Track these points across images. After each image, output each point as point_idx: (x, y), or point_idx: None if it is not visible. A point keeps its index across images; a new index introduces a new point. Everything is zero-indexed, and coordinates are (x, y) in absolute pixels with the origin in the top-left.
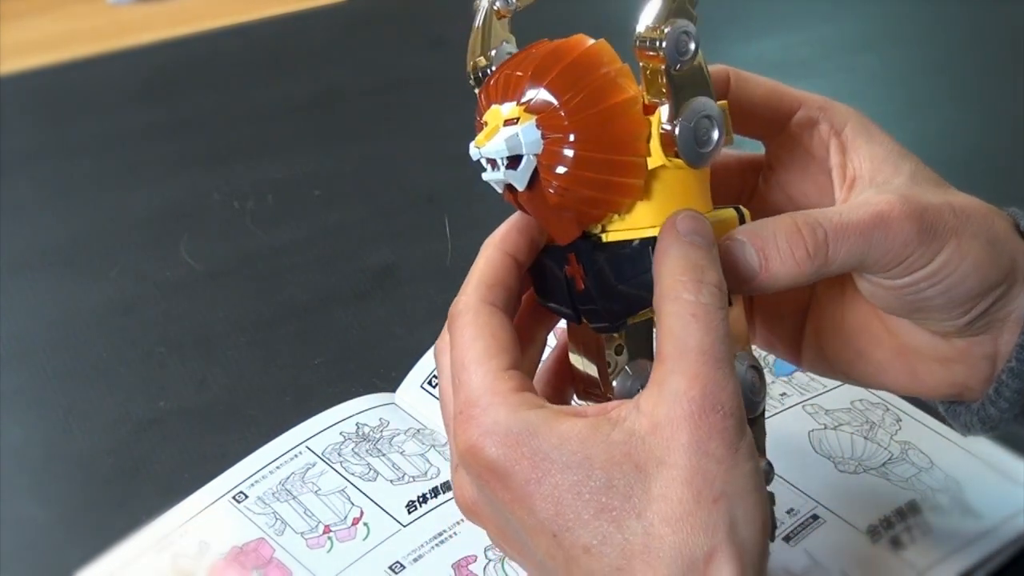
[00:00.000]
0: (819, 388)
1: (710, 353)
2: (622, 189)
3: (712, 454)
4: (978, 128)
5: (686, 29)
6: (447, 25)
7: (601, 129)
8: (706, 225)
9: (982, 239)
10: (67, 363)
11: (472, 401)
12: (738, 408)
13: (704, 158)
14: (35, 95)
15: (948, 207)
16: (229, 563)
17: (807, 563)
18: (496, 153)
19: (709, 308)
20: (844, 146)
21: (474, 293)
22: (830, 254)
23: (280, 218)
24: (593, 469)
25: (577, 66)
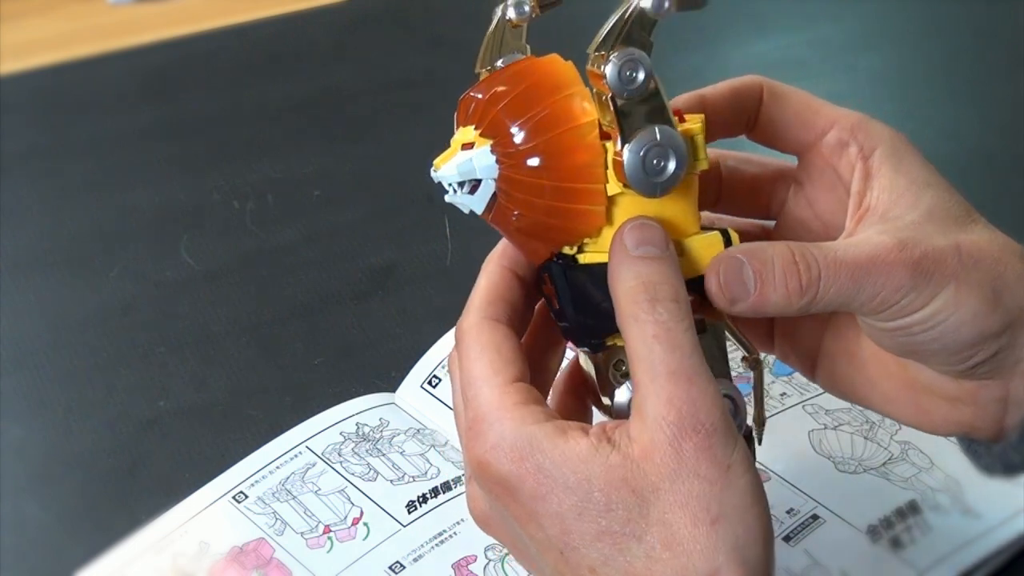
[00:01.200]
0: (819, 388)
1: (679, 373)
2: (580, 216)
3: (704, 476)
4: (978, 128)
5: (630, 58)
6: (447, 25)
7: (554, 156)
8: (655, 232)
9: (986, 287)
10: (67, 363)
11: (480, 417)
12: (721, 419)
13: (658, 188)
14: (35, 95)
15: (954, 251)
16: (229, 563)
17: (807, 563)
18: (449, 178)
19: (669, 325)
20: (868, 173)
21: (476, 311)
22: (819, 292)
23: (280, 218)
24: (592, 491)
25: (533, 91)
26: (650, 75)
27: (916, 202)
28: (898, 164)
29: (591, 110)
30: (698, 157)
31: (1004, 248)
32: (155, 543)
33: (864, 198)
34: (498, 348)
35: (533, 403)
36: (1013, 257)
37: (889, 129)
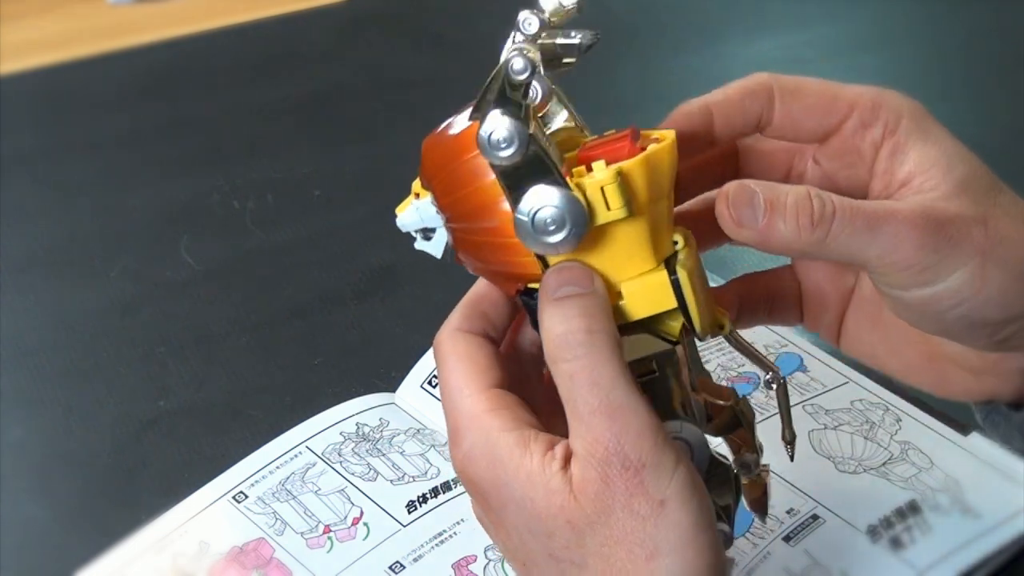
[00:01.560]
0: (819, 388)
1: (600, 410)
2: (517, 266)
3: (636, 512)
4: (977, 127)
5: (495, 127)
6: (447, 25)
7: (467, 215)
8: (574, 271)
9: (1012, 266)
10: (67, 363)
11: (456, 426)
12: (650, 453)
13: (551, 248)
14: (35, 95)
15: (982, 224)
16: (229, 563)
17: (807, 563)
18: (403, 227)
19: (585, 363)
20: (896, 148)
21: (450, 324)
22: (831, 231)
23: (280, 218)
24: (536, 516)
25: (453, 149)
26: (524, 142)
27: (948, 171)
28: (926, 135)
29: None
30: (612, 207)
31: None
32: (155, 543)
33: (894, 174)
34: (471, 357)
35: (504, 409)
36: None
37: (908, 100)
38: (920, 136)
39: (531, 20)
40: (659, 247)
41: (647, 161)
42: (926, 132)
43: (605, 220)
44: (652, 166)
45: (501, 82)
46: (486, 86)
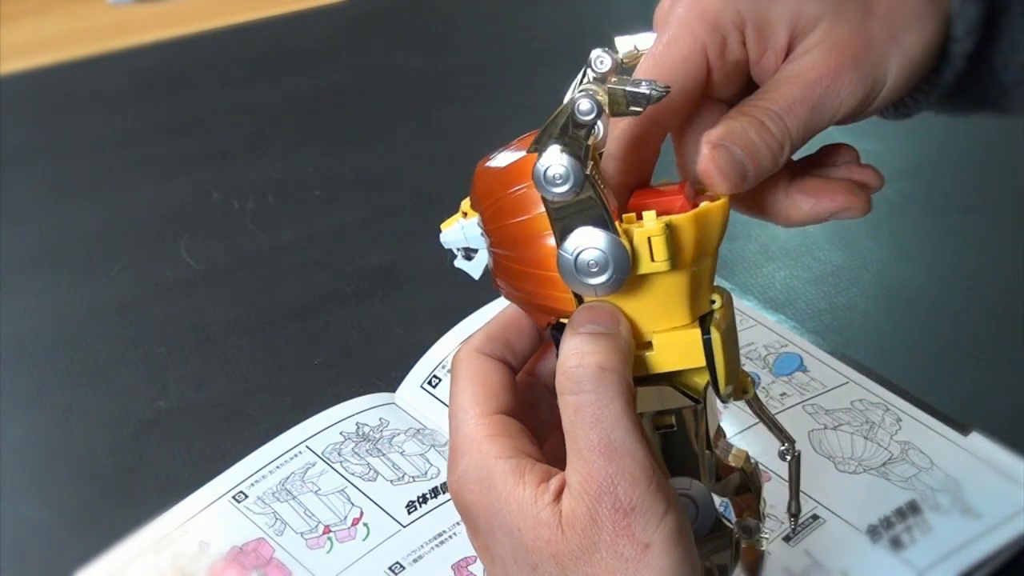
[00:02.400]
0: (819, 388)
1: (600, 448)
2: (552, 299)
3: (621, 554)
4: (977, 127)
5: (555, 163)
6: (447, 25)
7: (511, 244)
8: (603, 312)
9: (914, 29)
10: (67, 363)
11: (455, 447)
12: (641, 498)
13: (590, 289)
14: (35, 95)
15: (874, 19)
16: (229, 563)
17: (807, 563)
18: (446, 243)
19: (592, 399)
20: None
21: (471, 344)
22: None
23: (280, 218)
24: (523, 546)
25: (505, 177)
26: (580, 181)
27: (817, 17)
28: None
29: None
30: (656, 258)
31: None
32: (155, 543)
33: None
34: (484, 380)
35: (504, 436)
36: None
37: None
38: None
39: (604, 59)
40: (696, 304)
41: (698, 218)
42: None
43: (647, 271)
44: (702, 224)
45: (566, 119)
46: (550, 121)
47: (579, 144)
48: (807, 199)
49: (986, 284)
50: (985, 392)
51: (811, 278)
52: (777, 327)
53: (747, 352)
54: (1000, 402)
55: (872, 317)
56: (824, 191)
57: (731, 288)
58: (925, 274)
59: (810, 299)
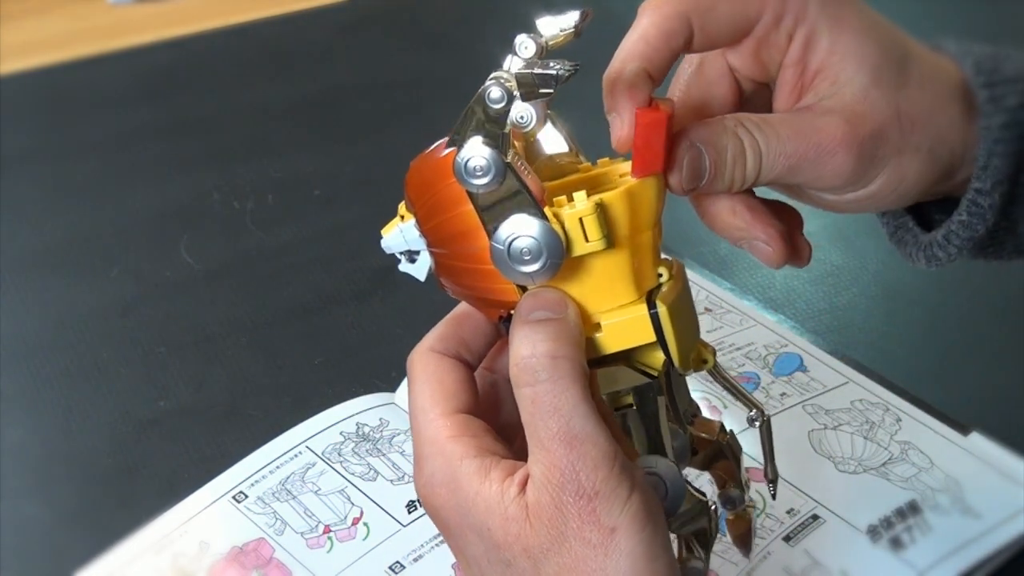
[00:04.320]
0: (819, 388)
1: (559, 436)
2: (497, 292)
3: (588, 540)
4: None
5: (471, 155)
6: (447, 25)
7: (447, 241)
8: (549, 297)
9: (924, 150)
10: (67, 363)
11: (418, 451)
12: (604, 482)
13: (527, 278)
14: (35, 95)
15: (895, 120)
16: (229, 563)
17: (807, 563)
18: (387, 249)
19: (547, 387)
20: (808, 37)
21: (425, 344)
22: (763, 172)
23: (280, 218)
24: (495, 544)
25: (434, 173)
26: (501, 171)
27: (861, 58)
28: (835, 17)
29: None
30: (591, 238)
31: (937, 91)
32: (155, 543)
33: (807, 64)
34: (440, 379)
35: (467, 436)
36: (946, 101)
37: None
38: (829, 19)
39: (527, 43)
40: (641, 279)
41: (628, 193)
42: (835, 12)
43: (583, 251)
44: (635, 198)
45: (478, 112)
46: (464, 114)
47: (496, 134)
48: (746, 216)
49: (986, 284)
50: (985, 392)
51: (811, 278)
52: (777, 327)
53: (747, 352)
54: (1000, 402)
55: (872, 317)
56: (766, 223)
57: (731, 288)
58: (925, 274)
59: (810, 299)
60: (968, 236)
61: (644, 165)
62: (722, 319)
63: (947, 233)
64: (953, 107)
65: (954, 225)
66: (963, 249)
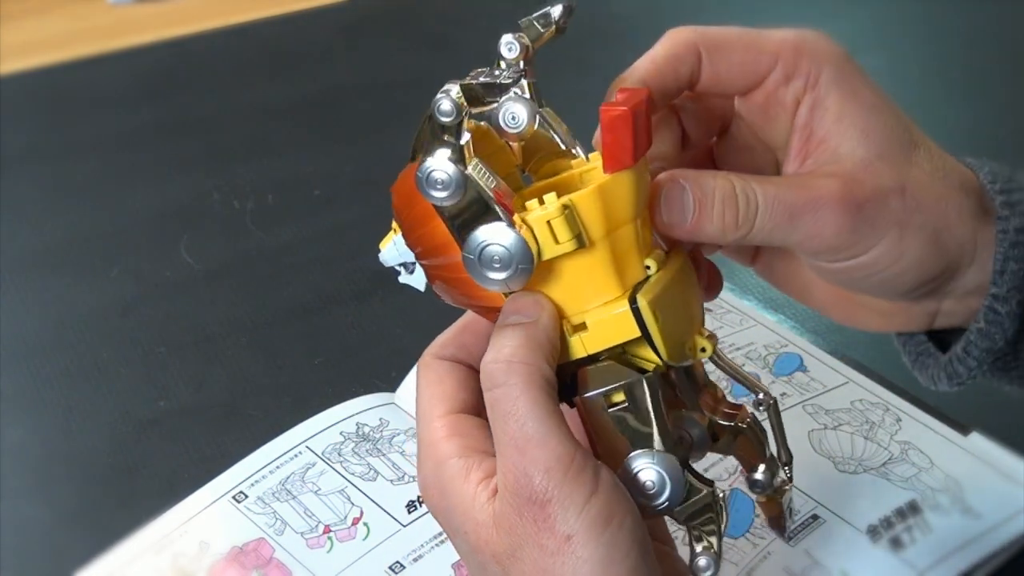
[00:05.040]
0: (819, 388)
1: (512, 442)
2: (481, 299)
3: (546, 548)
4: (977, 128)
5: (431, 169)
6: (447, 25)
7: (431, 252)
8: (524, 301)
9: (928, 231)
10: (67, 363)
11: (419, 452)
12: (557, 488)
13: (500, 285)
14: (35, 95)
15: (899, 193)
16: (229, 563)
17: (807, 563)
18: (386, 262)
19: (507, 392)
20: (816, 103)
21: (428, 351)
22: (755, 228)
23: (280, 218)
24: (471, 547)
25: (400, 192)
26: (460, 184)
27: (867, 132)
28: (846, 88)
29: None
30: (561, 240)
31: (947, 181)
32: (155, 543)
33: (813, 130)
34: (440, 382)
35: (457, 436)
36: (956, 192)
37: (831, 46)
38: (840, 90)
39: (512, 44)
40: (625, 274)
41: (599, 191)
42: (847, 85)
43: (555, 254)
44: (607, 194)
45: (430, 126)
46: (419, 129)
47: (452, 145)
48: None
49: None
50: (985, 392)
51: None
52: (777, 327)
53: (747, 352)
54: (1000, 402)
55: None
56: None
57: (731, 288)
58: None
59: None
60: (987, 347)
61: (614, 160)
62: (722, 319)
63: (966, 345)
64: (963, 199)
65: (972, 335)
66: (983, 363)
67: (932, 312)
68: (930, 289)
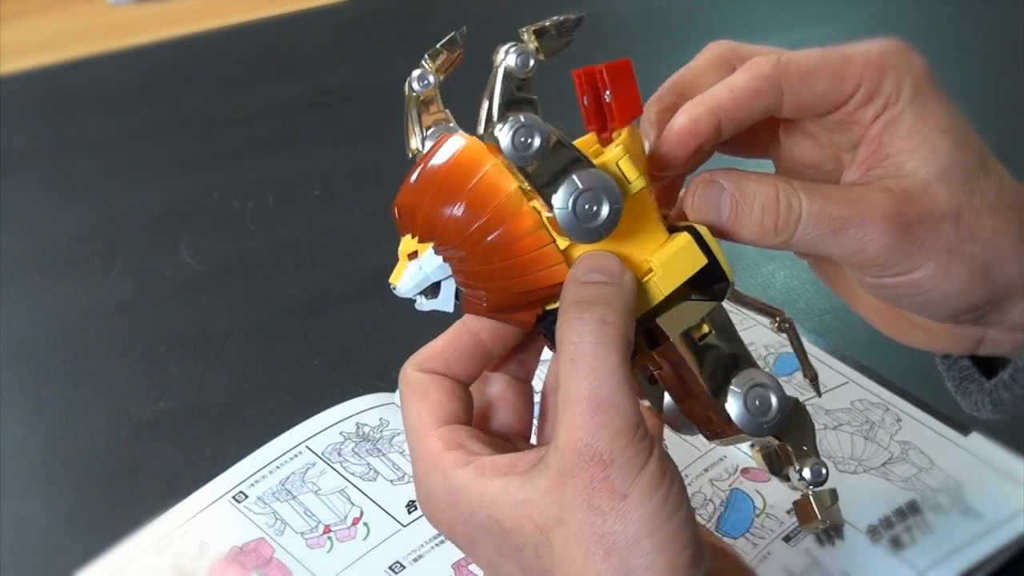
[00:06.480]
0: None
1: (587, 400)
2: (542, 279)
3: (598, 507)
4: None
5: (520, 126)
6: (447, 25)
7: (493, 238)
8: (607, 260)
9: (978, 262)
10: (67, 363)
11: (416, 468)
12: (624, 450)
13: (596, 232)
14: (35, 95)
15: (954, 219)
16: (229, 563)
17: (807, 563)
18: (408, 293)
19: (588, 348)
20: (891, 120)
21: (410, 361)
22: (795, 237)
23: (280, 218)
24: (505, 532)
25: (450, 181)
26: (546, 135)
27: (933, 154)
28: (922, 108)
29: (511, 177)
30: (630, 180)
31: (1008, 214)
32: (155, 543)
33: (882, 144)
34: (425, 395)
35: (455, 448)
36: (1015, 226)
37: (914, 61)
38: (916, 109)
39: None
40: (661, 216)
41: (631, 133)
42: (924, 104)
43: (631, 192)
44: (635, 139)
45: (506, 85)
46: (490, 96)
47: (528, 101)
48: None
49: None
50: None
51: (811, 278)
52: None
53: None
54: None
55: None
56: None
57: None
58: None
59: (810, 299)
60: None
61: (625, 111)
62: None
63: (1014, 372)
64: (1022, 234)
65: (1022, 362)
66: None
67: (977, 338)
68: (975, 317)
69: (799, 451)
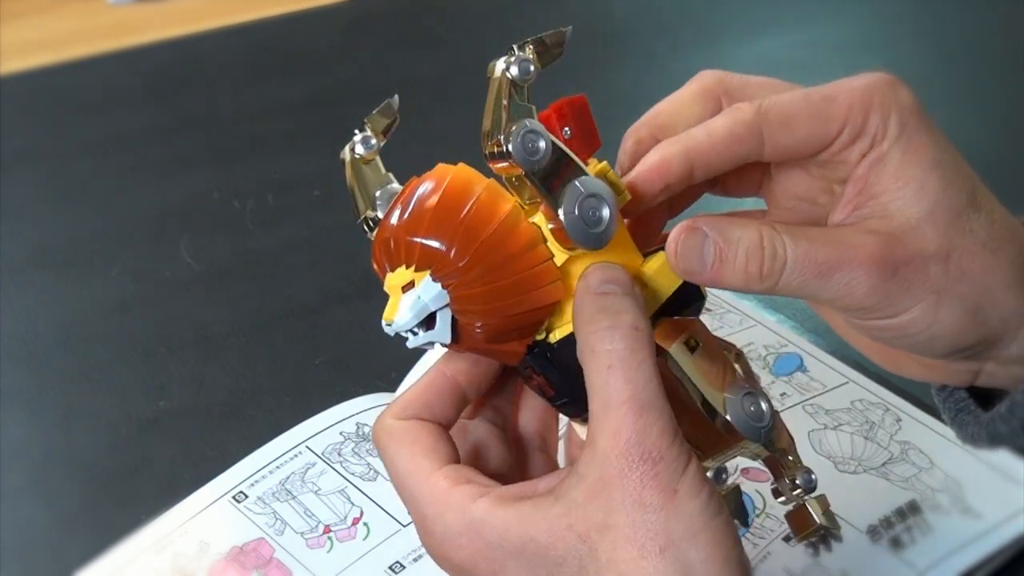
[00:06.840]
0: (819, 388)
1: (630, 403)
2: (541, 298)
3: (649, 505)
4: (976, 128)
5: (528, 130)
6: (447, 25)
7: (493, 257)
8: (617, 272)
9: (968, 302)
10: (67, 363)
11: (421, 514)
12: (668, 448)
13: (601, 238)
14: (35, 95)
15: (943, 261)
16: (229, 563)
17: (807, 563)
18: (407, 325)
19: (624, 355)
20: (878, 158)
21: (386, 414)
22: (781, 282)
23: (280, 218)
24: (540, 549)
25: (446, 206)
26: (549, 140)
27: (921, 192)
28: (909, 144)
29: (507, 196)
30: (620, 191)
31: (1000, 252)
32: (155, 543)
33: (868, 183)
34: (415, 441)
35: (464, 483)
36: (1006, 265)
37: (902, 98)
38: (902, 144)
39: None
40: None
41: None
42: (911, 140)
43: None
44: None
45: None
46: (494, 107)
47: (528, 109)
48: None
49: None
50: None
51: None
52: (777, 327)
53: (747, 352)
54: None
55: None
56: None
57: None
58: None
59: None
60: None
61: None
62: (722, 319)
63: (1011, 405)
64: (1012, 272)
65: (1019, 395)
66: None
67: (975, 370)
68: (968, 355)
69: (786, 461)
